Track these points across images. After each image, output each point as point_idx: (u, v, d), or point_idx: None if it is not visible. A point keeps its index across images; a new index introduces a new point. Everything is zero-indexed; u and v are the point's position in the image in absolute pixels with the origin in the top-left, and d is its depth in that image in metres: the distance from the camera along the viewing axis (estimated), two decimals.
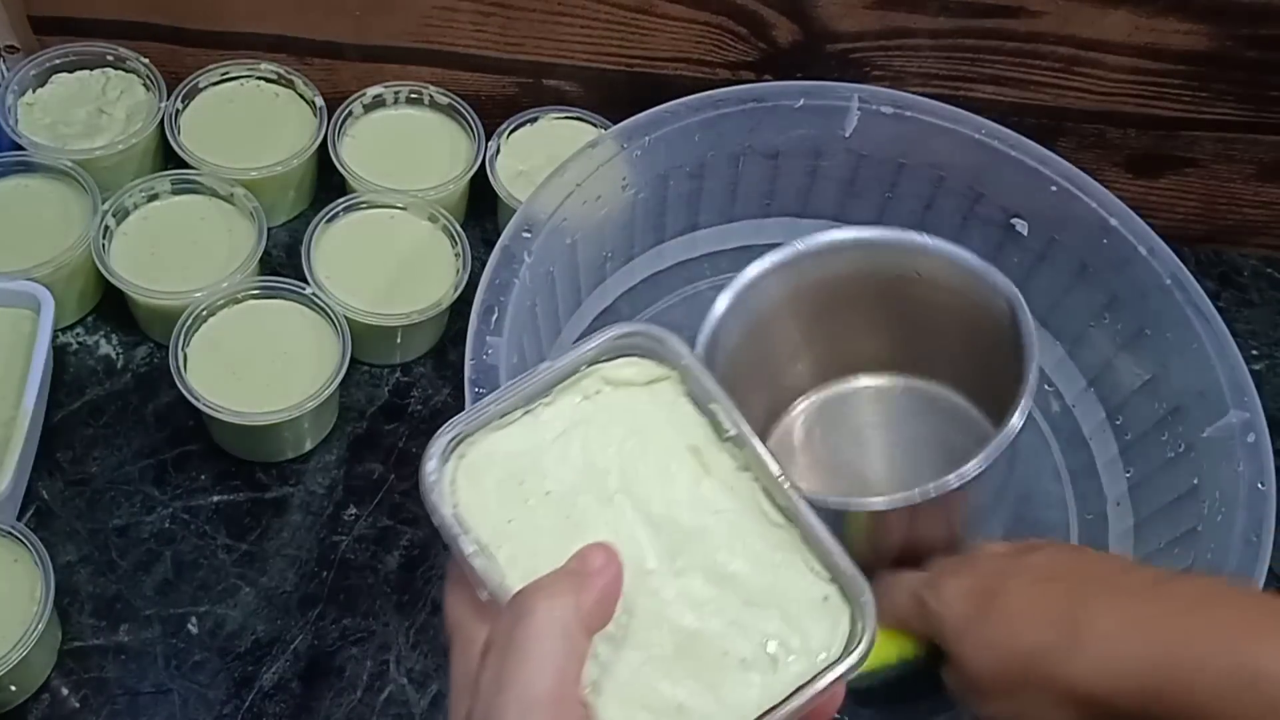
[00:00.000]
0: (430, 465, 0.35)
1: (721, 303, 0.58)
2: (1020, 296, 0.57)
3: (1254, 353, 0.78)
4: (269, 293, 0.70)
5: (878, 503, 0.52)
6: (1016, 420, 0.53)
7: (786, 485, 0.37)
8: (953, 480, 0.51)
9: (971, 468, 0.52)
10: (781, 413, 0.66)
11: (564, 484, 0.37)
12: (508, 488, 0.36)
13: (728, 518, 0.37)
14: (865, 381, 0.67)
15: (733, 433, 0.38)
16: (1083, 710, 0.44)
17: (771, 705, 0.35)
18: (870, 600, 0.36)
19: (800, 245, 0.60)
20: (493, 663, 0.32)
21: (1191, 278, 0.63)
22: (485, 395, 0.56)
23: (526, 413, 0.37)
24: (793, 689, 0.35)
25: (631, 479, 0.37)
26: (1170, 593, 0.45)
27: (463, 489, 0.36)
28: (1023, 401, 0.53)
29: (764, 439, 0.38)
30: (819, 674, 0.35)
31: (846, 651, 0.36)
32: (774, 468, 0.37)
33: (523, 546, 0.36)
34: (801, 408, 0.67)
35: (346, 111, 0.77)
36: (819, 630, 0.36)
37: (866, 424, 0.66)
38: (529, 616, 0.32)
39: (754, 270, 0.59)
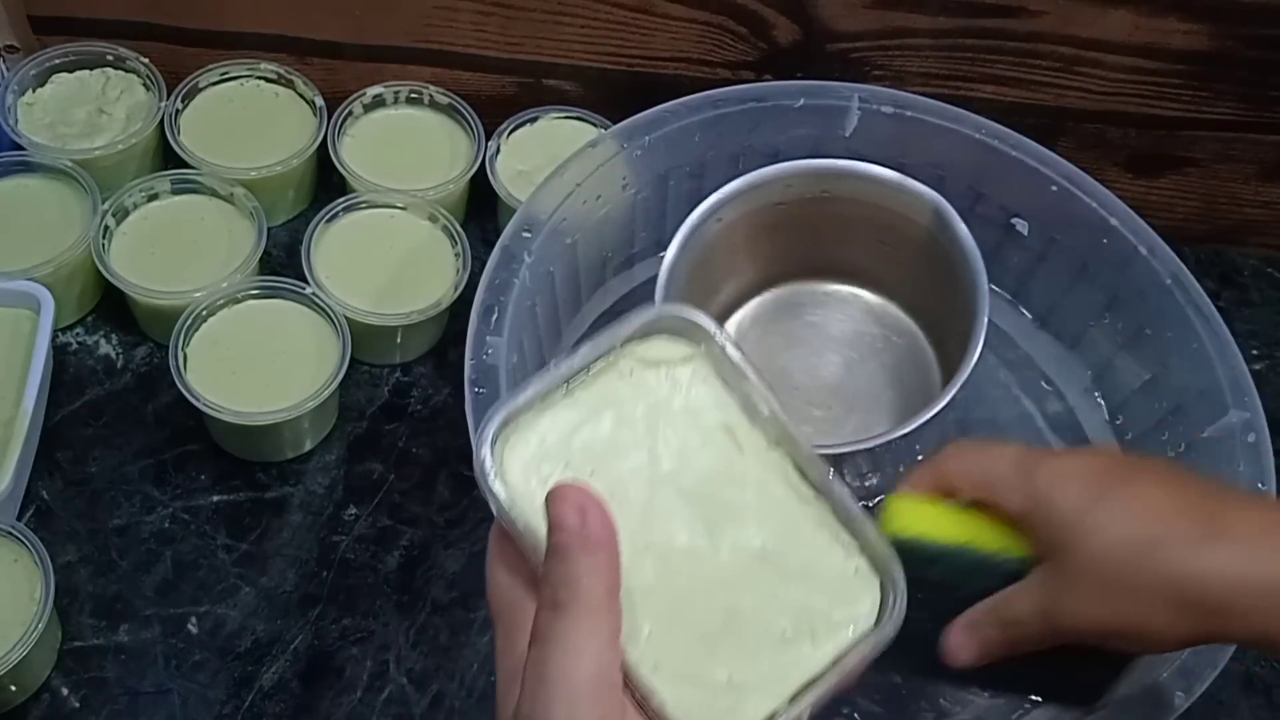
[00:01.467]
0: (483, 453, 0.36)
1: (670, 253, 0.61)
2: (944, 202, 0.61)
3: (1254, 353, 0.78)
4: (269, 293, 0.70)
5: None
6: (979, 338, 0.57)
7: (817, 463, 0.38)
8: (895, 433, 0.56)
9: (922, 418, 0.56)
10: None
11: (606, 464, 0.37)
12: (554, 469, 0.37)
13: (760, 493, 0.38)
14: (798, 290, 0.69)
15: (765, 411, 0.39)
16: (1200, 619, 0.40)
17: (812, 677, 0.36)
18: (900, 574, 0.37)
19: (727, 189, 0.63)
20: (535, 655, 0.33)
21: (1192, 277, 0.63)
22: (485, 393, 0.57)
23: (566, 394, 0.38)
24: (831, 661, 0.36)
25: (667, 457, 0.38)
26: None
27: (512, 473, 0.36)
28: (981, 315, 0.58)
29: None
30: (854, 645, 0.37)
31: (879, 624, 0.37)
32: (807, 446, 0.38)
33: None
34: (736, 320, 0.69)
35: (346, 111, 0.77)
36: (852, 603, 0.37)
37: (802, 333, 0.68)
38: (564, 608, 0.33)
39: (692, 219, 0.63)
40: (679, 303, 0.39)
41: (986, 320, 0.58)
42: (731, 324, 0.68)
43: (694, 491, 0.38)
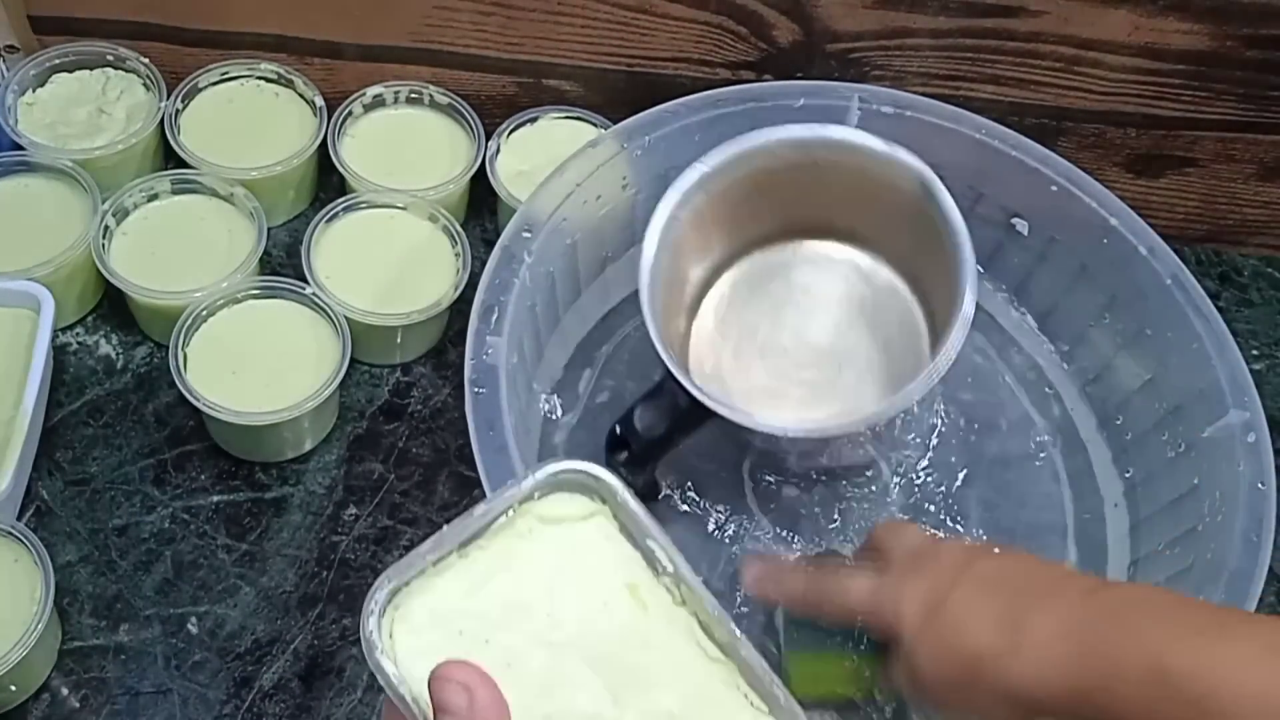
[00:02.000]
0: (370, 623, 0.34)
1: (648, 246, 0.61)
2: (928, 170, 0.60)
3: (1254, 352, 0.78)
4: (269, 292, 0.70)
5: (790, 427, 0.57)
6: (969, 300, 0.57)
7: (723, 621, 0.37)
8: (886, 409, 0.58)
9: (914, 388, 0.56)
10: (696, 308, 0.67)
11: (501, 630, 0.36)
12: (447, 639, 0.35)
13: (666, 654, 0.37)
14: (777, 252, 0.67)
15: (670, 569, 0.38)
16: (1022, 712, 0.46)
17: None
18: None
19: (703, 166, 0.62)
20: None
21: (1192, 278, 0.63)
22: (485, 393, 0.57)
23: (461, 557, 0.37)
24: None
25: (569, 620, 0.37)
26: (1103, 599, 0.46)
27: (402, 644, 0.35)
28: (967, 282, 0.57)
29: (684, 344, 0.39)
30: None
31: None
32: (711, 604, 0.37)
33: None
34: (714, 296, 0.67)
35: (346, 111, 0.77)
36: None
37: (784, 296, 0.67)
38: None
39: (667, 204, 0.61)
40: (578, 462, 0.38)
41: (973, 296, 0.57)
42: (718, 288, 0.67)
43: (598, 655, 0.36)
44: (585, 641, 0.36)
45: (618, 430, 0.61)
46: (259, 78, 0.79)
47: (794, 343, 0.65)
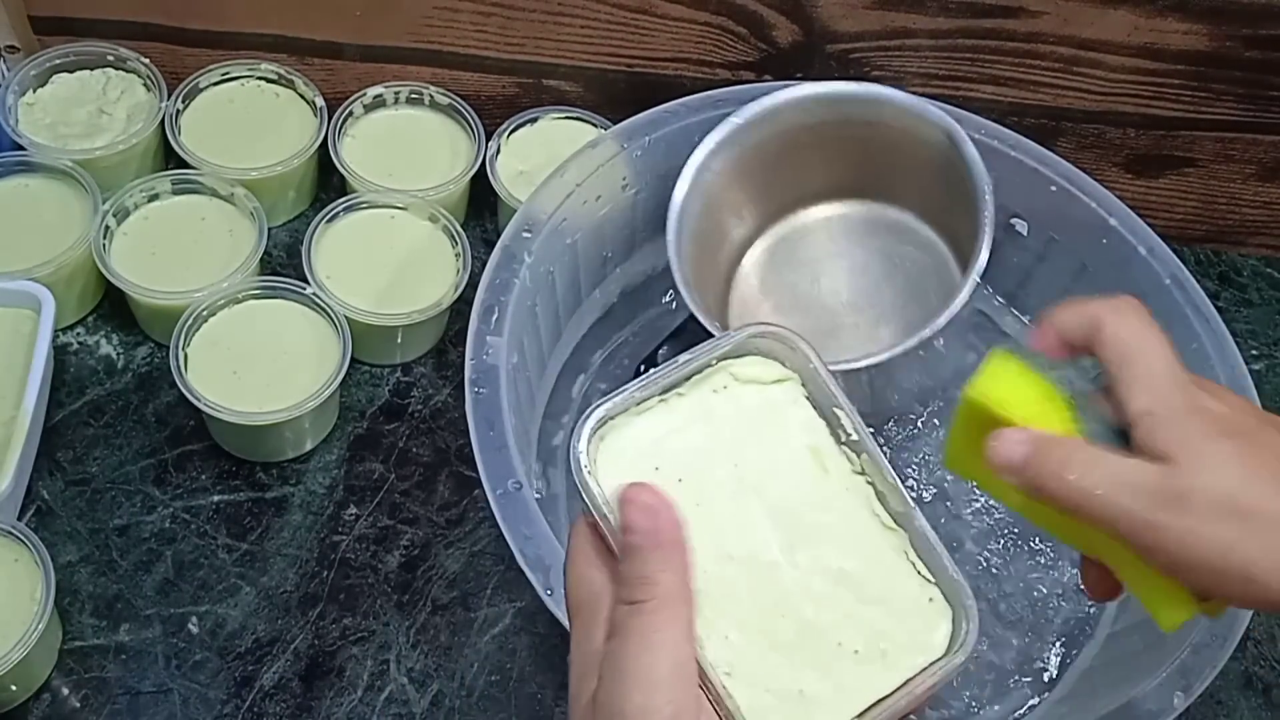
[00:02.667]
0: (580, 447, 0.37)
1: (677, 194, 0.62)
2: (956, 125, 0.61)
3: (1253, 352, 0.78)
4: (269, 293, 0.70)
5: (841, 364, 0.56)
6: (984, 251, 0.57)
7: (899, 490, 0.39)
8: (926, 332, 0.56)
9: (950, 312, 0.56)
10: (735, 267, 0.69)
11: (694, 472, 0.38)
12: (643, 472, 0.37)
13: (844, 517, 0.39)
14: (814, 213, 0.69)
15: (854, 437, 0.39)
16: (1239, 587, 0.38)
17: (880, 698, 0.37)
18: (973, 604, 0.38)
19: (737, 119, 0.63)
20: (613, 648, 0.34)
21: (1191, 278, 0.63)
22: (485, 393, 0.57)
23: (662, 401, 0.39)
24: (900, 684, 0.37)
25: (753, 473, 0.39)
26: None
27: (605, 470, 0.37)
28: (986, 230, 0.58)
29: (724, 302, 0.40)
30: (925, 670, 0.37)
31: (949, 652, 0.37)
32: (890, 474, 0.39)
33: None
34: (753, 255, 0.69)
35: (347, 112, 0.77)
36: (926, 630, 0.38)
37: (822, 254, 0.68)
38: (640, 605, 0.34)
39: (698, 156, 0.63)
40: (762, 323, 0.40)
41: (990, 235, 0.58)
42: (757, 247, 0.68)
43: (778, 508, 0.38)
44: (767, 495, 0.38)
45: (641, 369, 0.61)
46: (260, 78, 0.79)
47: (833, 299, 0.67)
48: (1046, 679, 0.63)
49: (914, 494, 0.61)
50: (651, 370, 0.39)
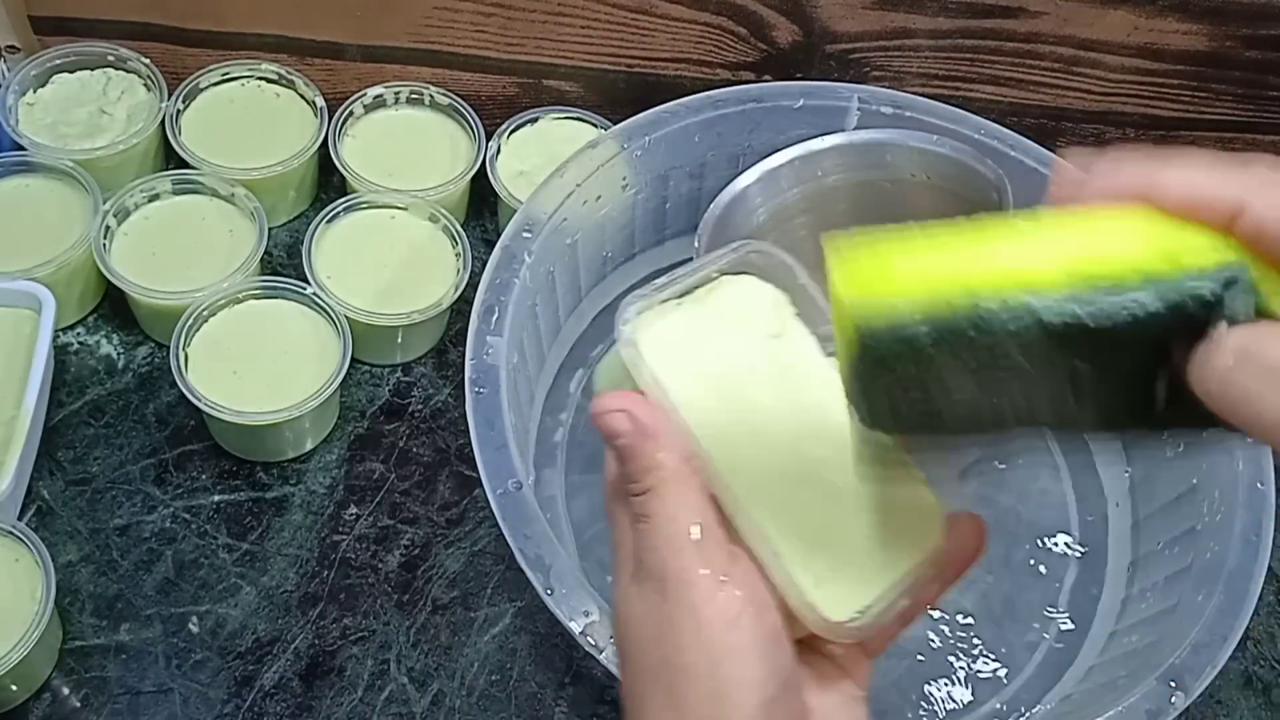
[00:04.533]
0: (626, 329, 0.39)
1: (745, 179, 0.62)
2: (1006, 182, 0.59)
3: None
4: (270, 293, 0.70)
5: None
6: None
7: None
8: None
9: None
10: None
11: (714, 364, 0.40)
12: (677, 363, 0.39)
13: (840, 425, 0.39)
14: None
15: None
16: None
17: (906, 572, 0.38)
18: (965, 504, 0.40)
19: (786, 155, 0.63)
20: (640, 530, 0.36)
21: None
22: (485, 393, 0.57)
23: (677, 306, 0.41)
24: (923, 560, 0.38)
25: (770, 379, 0.40)
26: None
27: (643, 343, 0.39)
28: None
29: None
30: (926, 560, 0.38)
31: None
32: None
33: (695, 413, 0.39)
34: None
35: (347, 112, 0.77)
36: (923, 522, 0.39)
37: None
38: (652, 489, 0.36)
39: (740, 183, 0.63)
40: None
41: None
42: None
43: (791, 402, 0.39)
44: (782, 393, 0.40)
45: None
46: (260, 78, 0.79)
47: None
48: (1046, 679, 0.63)
49: None
50: (666, 276, 0.41)
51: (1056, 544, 0.66)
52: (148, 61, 0.77)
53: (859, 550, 0.38)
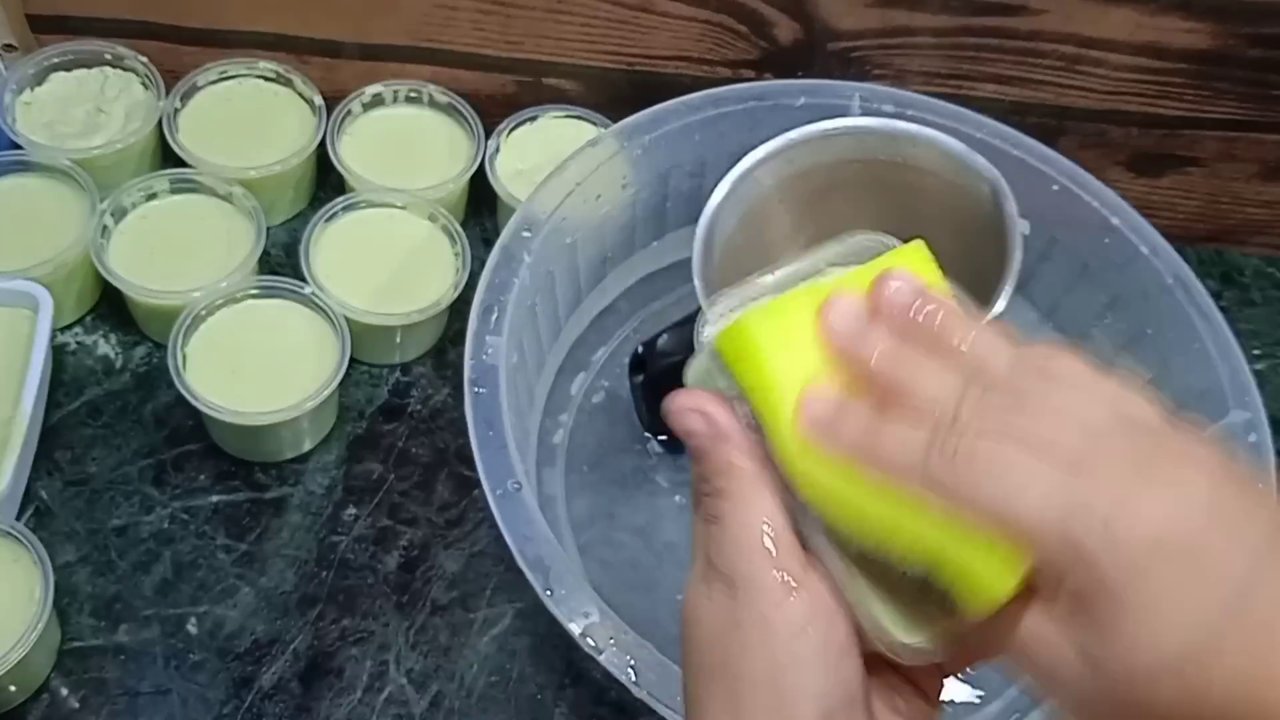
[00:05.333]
0: (709, 334, 0.36)
1: (717, 194, 0.60)
2: (1003, 181, 0.59)
3: (1256, 352, 0.78)
4: (268, 292, 0.70)
5: None
6: (1001, 304, 0.55)
7: None
8: None
9: None
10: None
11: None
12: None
13: None
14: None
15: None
16: None
17: None
18: None
19: (793, 135, 0.62)
20: (715, 531, 0.35)
21: (1194, 277, 0.63)
22: (485, 393, 0.57)
23: (774, 299, 0.38)
24: None
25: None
26: None
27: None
28: (1007, 285, 0.55)
29: None
30: None
31: None
32: None
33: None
34: None
35: (345, 110, 0.77)
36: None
37: None
38: (724, 490, 0.35)
39: (747, 162, 0.61)
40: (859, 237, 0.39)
41: (1006, 298, 0.57)
42: None
43: None
44: None
45: (639, 350, 0.62)
46: (258, 76, 0.79)
47: None
48: None
49: None
50: (766, 269, 0.38)
51: None
52: (145, 60, 0.77)
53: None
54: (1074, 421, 0.30)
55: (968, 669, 0.37)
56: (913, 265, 0.36)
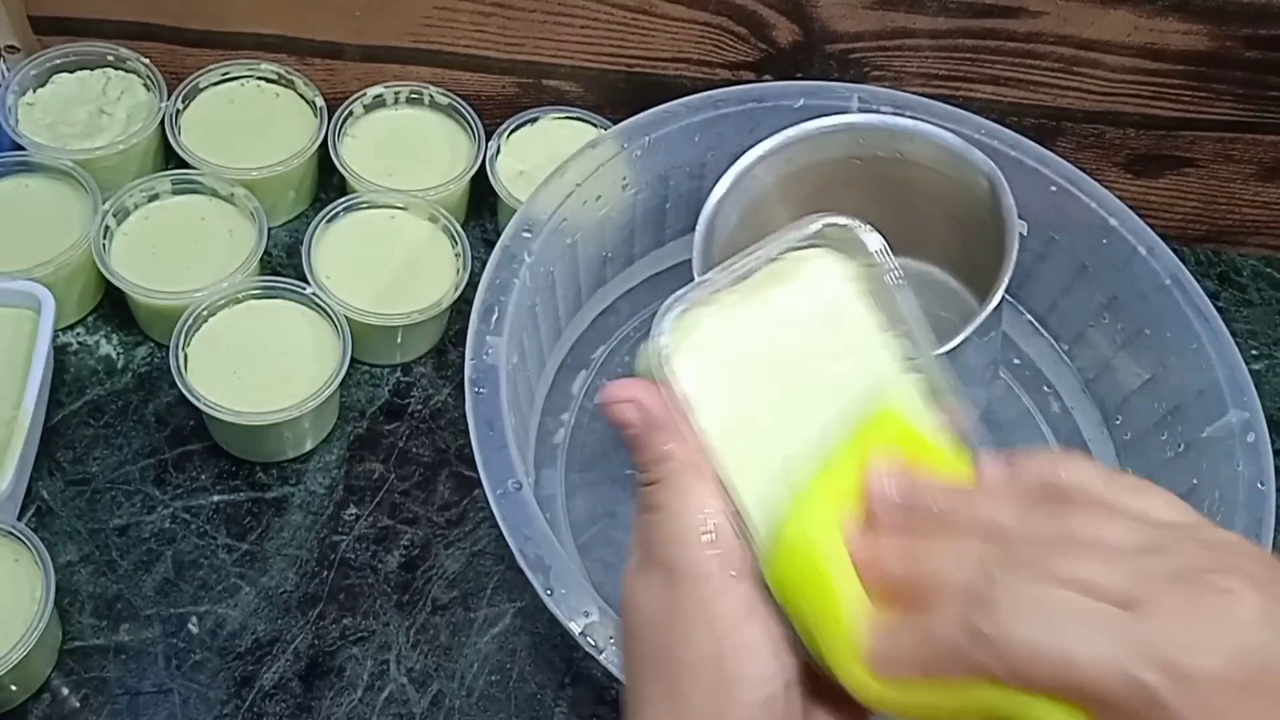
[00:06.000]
0: (664, 340, 0.37)
1: (716, 192, 0.61)
2: (1000, 174, 0.60)
3: (1253, 352, 0.78)
4: (269, 293, 0.70)
5: None
6: (998, 296, 0.56)
7: (950, 386, 0.38)
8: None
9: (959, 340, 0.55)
10: None
11: (762, 364, 0.38)
12: (721, 363, 0.37)
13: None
14: None
15: (910, 329, 0.39)
16: None
17: None
18: None
19: (791, 132, 0.62)
20: (650, 519, 0.35)
21: (1191, 278, 0.63)
22: (485, 393, 0.57)
23: (730, 292, 0.39)
24: None
25: (816, 363, 0.38)
26: None
27: (683, 361, 0.37)
28: (1005, 277, 0.56)
29: None
30: None
31: None
32: (941, 372, 0.39)
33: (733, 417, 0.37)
34: None
35: (347, 111, 0.77)
36: None
37: None
38: (662, 479, 0.35)
39: (748, 158, 0.62)
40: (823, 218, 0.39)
41: (1002, 292, 0.58)
42: None
43: (840, 393, 0.37)
44: (829, 383, 0.38)
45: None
46: (260, 78, 0.79)
47: None
48: None
49: None
50: (722, 265, 0.39)
51: None
52: (147, 61, 0.77)
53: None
54: (1105, 552, 0.29)
55: None
56: (887, 435, 0.36)
